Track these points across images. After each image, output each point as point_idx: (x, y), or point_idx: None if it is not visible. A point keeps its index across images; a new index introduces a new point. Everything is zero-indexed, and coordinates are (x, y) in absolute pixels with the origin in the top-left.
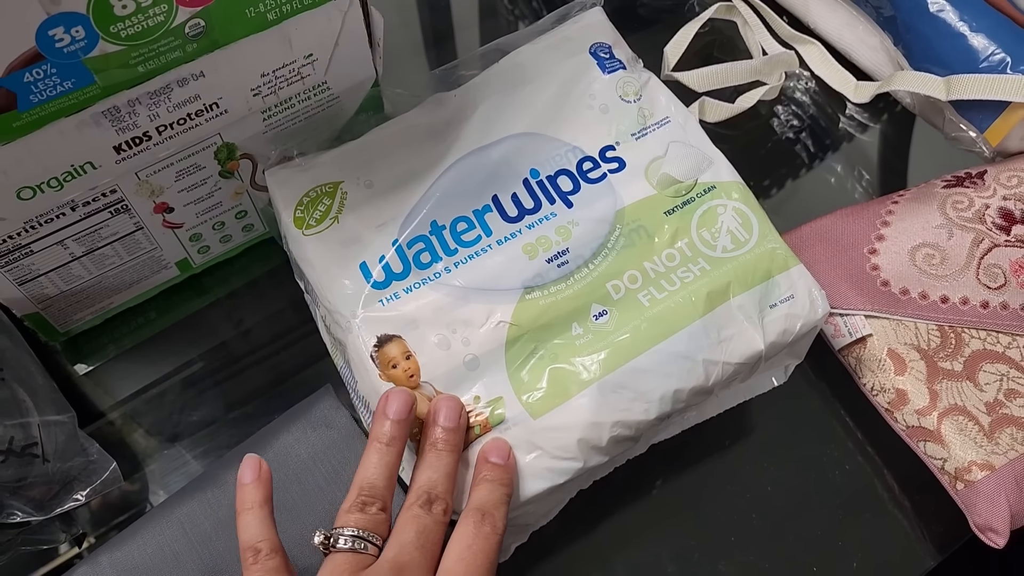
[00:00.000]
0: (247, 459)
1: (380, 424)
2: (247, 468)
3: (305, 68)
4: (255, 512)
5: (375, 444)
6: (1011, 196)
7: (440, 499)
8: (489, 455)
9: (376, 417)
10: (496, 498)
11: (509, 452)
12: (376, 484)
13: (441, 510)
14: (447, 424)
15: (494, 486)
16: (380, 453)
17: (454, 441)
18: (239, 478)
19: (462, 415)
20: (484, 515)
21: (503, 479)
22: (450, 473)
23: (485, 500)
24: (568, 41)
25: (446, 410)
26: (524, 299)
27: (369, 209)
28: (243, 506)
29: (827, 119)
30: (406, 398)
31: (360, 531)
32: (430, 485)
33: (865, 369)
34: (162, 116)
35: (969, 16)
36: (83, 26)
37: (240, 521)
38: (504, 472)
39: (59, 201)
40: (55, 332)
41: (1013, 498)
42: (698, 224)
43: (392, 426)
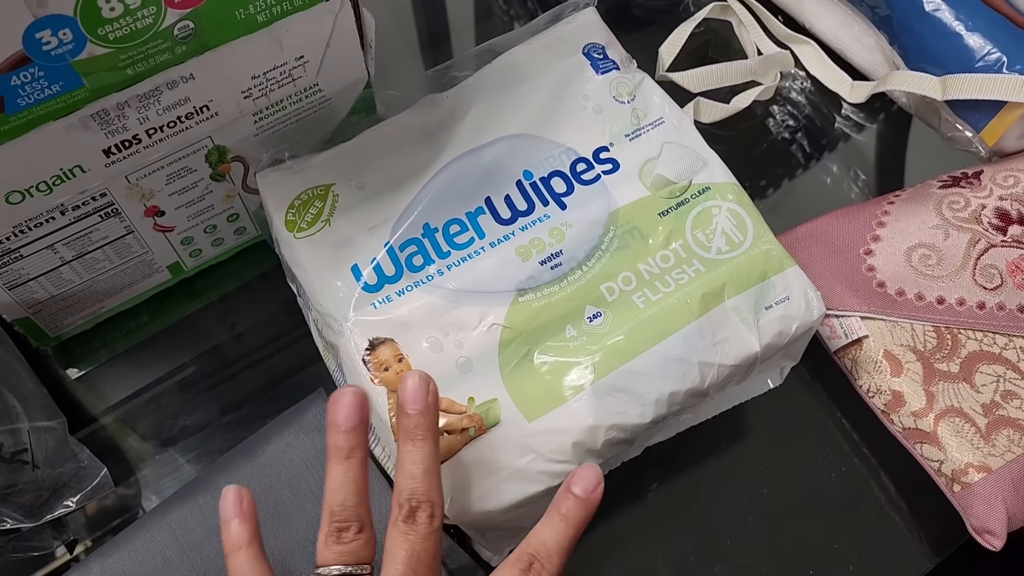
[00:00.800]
0: (227, 492)
1: (334, 435)
2: (228, 504)
3: (296, 70)
4: (244, 553)
5: (333, 459)
6: (1007, 196)
7: (424, 504)
8: (573, 484)
9: (329, 427)
10: (557, 541)
11: (597, 484)
12: (347, 503)
13: (427, 517)
14: (415, 408)
15: (562, 526)
16: (343, 468)
17: (427, 424)
18: (222, 514)
19: (430, 392)
20: (533, 563)
21: (578, 518)
22: (430, 466)
23: (543, 542)
24: (561, 42)
25: (411, 391)
26: (517, 301)
27: (361, 212)
28: (231, 547)
29: (823, 119)
30: (355, 400)
31: (344, 567)
32: (411, 491)
33: (861, 371)
34: (152, 119)
35: (965, 15)
36: (71, 29)
37: (230, 564)
38: (583, 509)
39: (48, 205)
40: (46, 337)
41: (1010, 500)
42: (692, 225)
43: (347, 437)
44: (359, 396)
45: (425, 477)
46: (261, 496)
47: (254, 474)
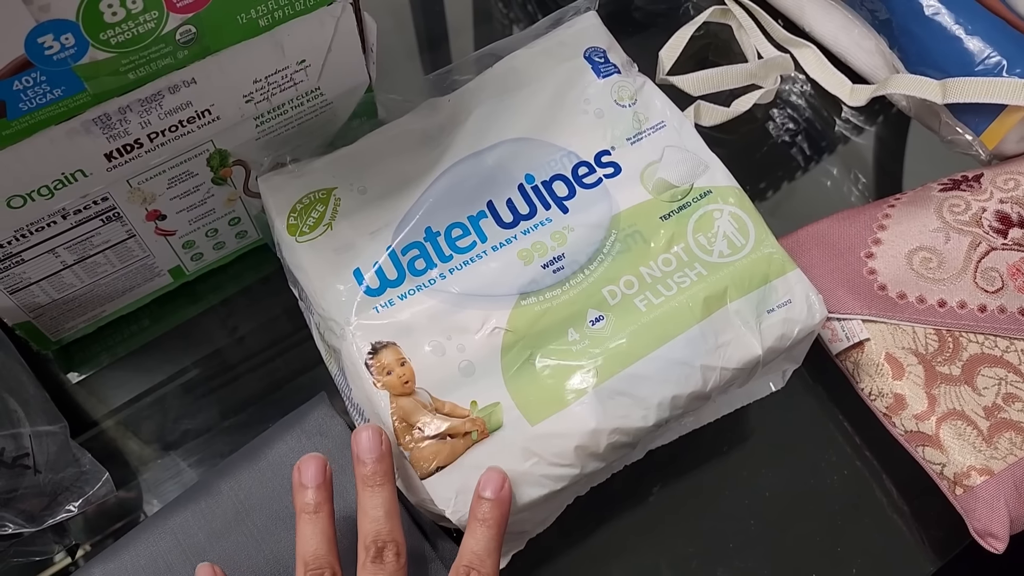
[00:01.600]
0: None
1: (301, 495)
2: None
3: (298, 74)
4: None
5: (303, 516)
6: (1008, 199)
7: (390, 544)
8: (483, 490)
9: (295, 490)
10: (484, 545)
11: (503, 483)
12: (318, 553)
13: (393, 555)
14: (369, 457)
15: (484, 529)
16: (312, 523)
17: (383, 471)
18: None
19: (382, 441)
20: (471, 572)
21: (495, 518)
22: (390, 509)
23: (473, 551)
24: (562, 46)
25: (364, 442)
26: (519, 305)
27: (363, 216)
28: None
29: (823, 122)
30: (317, 463)
31: None
32: (375, 533)
33: (863, 374)
34: (153, 123)
35: (964, 19)
36: (73, 33)
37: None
38: (496, 509)
39: (50, 209)
40: (47, 341)
41: (1012, 503)
42: (694, 229)
43: (313, 493)
44: (320, 460)
45: (387, 519)
46: (263, 500)
47: (256, 478)
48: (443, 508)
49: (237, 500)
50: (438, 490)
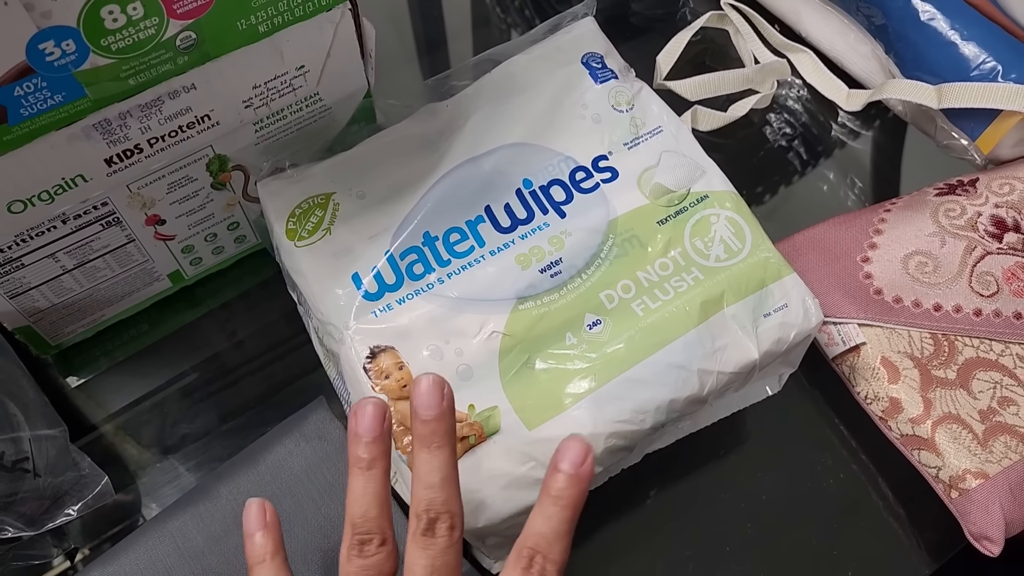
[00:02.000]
0: (250, 505)
1: (355, 446)
2: (252, 516)
3: (297, 79)
4: (268, 565)
5: (355, 470)
6: (1003, 204)
7: (443, 515)
8: (560, 461)
9: (350, 438)
10: (555, 527)
11: (586, 455)
12: (368, 515)
13: (446, 528)
14: (429, 413)
15: (556, 509)
16: (364, 479)
17: (443, 430)
18: (245, 527)
19: (445, 396)
20: (534, 557)
21: (571, 497)
22: (448, 474)
23: (540, 532)
24: (560, 51)
25: (425, 396)
26: (517, 309)
27: (361, 220)
28: (255, 559)
29: (819, 127)
30: (376, 411)
31: None
32: (428, 501)
33: (859, 378)
34: (153, 129)
35: (960, 24)
36: (73, 39)
37: None
38: (574, 486)
39: (50, 214)
40: (46, 345)
41: (1007, 506)
42: (691, 233)
43: (368, 447)
44: (380, 407)
45: (443, 486)
46: None
47: (255, 482)
48: None
49: (236, 504)
50: None
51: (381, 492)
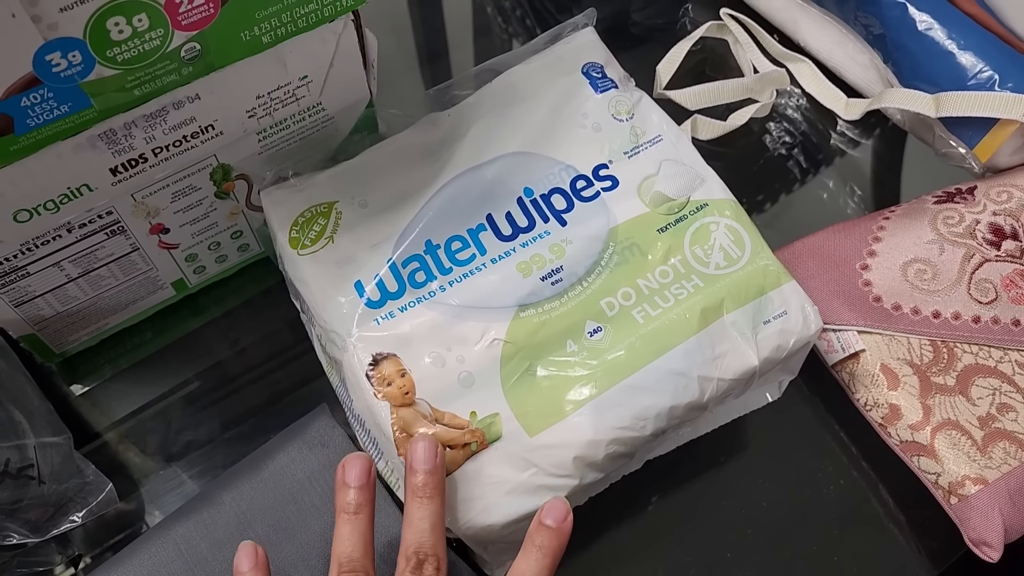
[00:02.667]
0: (243, 548)
1: (343, 495)
2: (244, 557)
3: (300, 89)
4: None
5: (343, 516)
6: (1001, 211)
7: (430, 558)
8: (544, 516)
9: (338, 488)
10: (537, 572)
11: (566, 514)
12: (353, 556)
13: (433, 569)
14: (425, 467)
15: (539, 555)
16: (351, 524)
17: (434, 484)
18: (236, 566)
19: (439, 454)
20: None
21: (552, 548)
22: (436, 522)
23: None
24: (560, 61)
25: (421, 452)
26: (518, 317)
27: (364, 229)
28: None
29: (818, 136)
30: (363, 463)
31: None
32: (418, 544)
33: (858, 384)
34: (158, 138)
35: (957, 34)
36: (80, 51)
37: None
38: (555, 539)
39: (55, 223)
40: (51, 353)
41: (1007, 512)
42: (691, 241)
43: (356, 494)
44: (367, 462)
45: (432, 532)
46: (265, 510)
47: (258, 489)
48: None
49: (239, 511)
50: None
51: (366, 535)
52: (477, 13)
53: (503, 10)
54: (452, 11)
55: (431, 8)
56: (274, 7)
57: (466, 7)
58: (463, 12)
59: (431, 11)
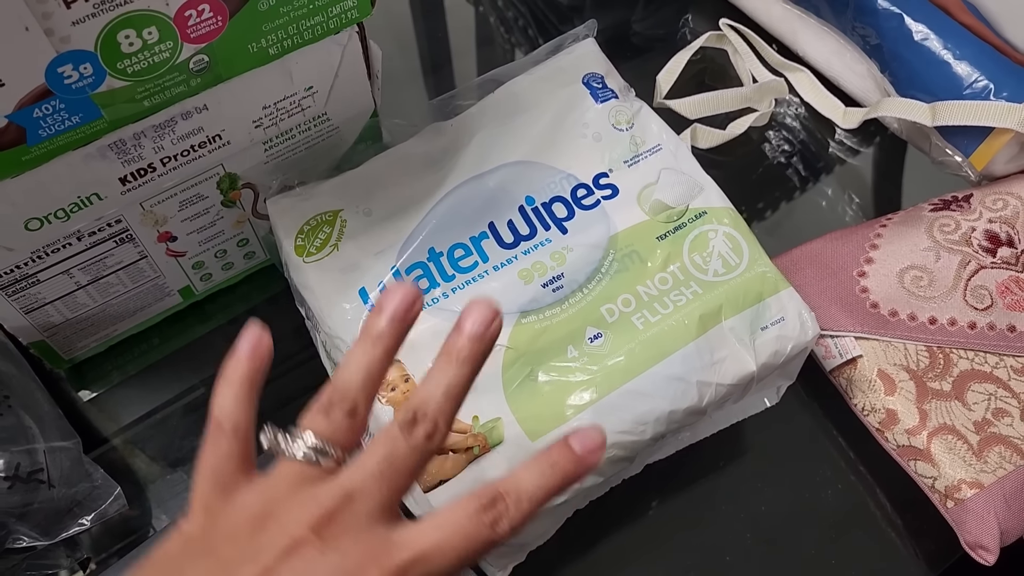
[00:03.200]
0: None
1: (373, 319)
2: (245, 340)
3: (305, 100)
4: (232, 387)
5: (360, 339)
6: (996, 219)
7: (427, 420)
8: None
9: (371, 313)
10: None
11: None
12: (349, 382)
13: (424, 433)
14: (472, 330)
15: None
16: (363, 349)
17: (473, 352)
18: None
19: (494, 323)
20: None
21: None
22: (452, 389)
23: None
24: (561, 72)
25: (476, 314)
26: (520, 323)
27: (368, 237)
28: (223, 377)
29: (817, 144)
30: (410, 295)
31: (318, 441)
32: (420, 402)
33: (856, 390)
34: (166, 148)
35: (953, 44)
36: (91, 63)
37: (215, 391)
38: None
39: (66, 232)
40: (60, 360)
41: (1002, 515)
42: (690, 249)
43: (386, 322)
44: (416, 294)
45: (445, 396)
46: None
47: None
48: None
49: None
50: (441, 503)
51: (373, 366)
52: (480, 24)
53: (505, 21)
54: (455, 22)
55: (434, 19)
56: (280, 20)
57: (469, 18)
58: (466, 23)
59: (434, 22)
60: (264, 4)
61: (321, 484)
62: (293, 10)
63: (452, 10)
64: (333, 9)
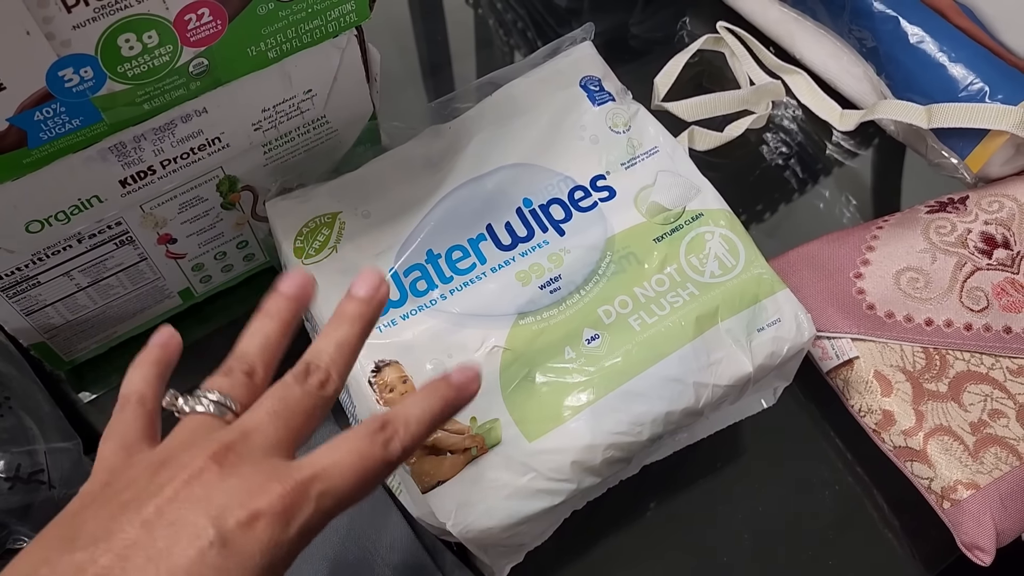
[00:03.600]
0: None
1: (270, 299)
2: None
3: (304, 103)
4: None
5: (258, 315)
6: (992, 221)
7: (320, 370)
8: (355, 287)
9: (269, 294)
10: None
11: (380, 282)
12: (247, 351)
13: (317, 382)
14: (358, 293)
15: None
16: (259, 323)
17: (361, 313)
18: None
19: (380, 286)
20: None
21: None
22: (344, 343)
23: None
24: (559, 74)
25: (365, 280)
26: (517, 324)
27: (366, 239)
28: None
29: (814, 146)
30: (303, 280)
31: (220, 396)
32: (313, 355)
33: (852, 391)
34: (166, 151)
35: (948, 47)
36: (91, 67)
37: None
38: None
39: (66, 234)
40: (61, 361)
41: (998, 516)
42: (686, 251)
43: (280, 300)
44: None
45: (340, 351)
46: None
47: None
48: (444, 521)
49: None
50: (439, 504)
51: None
52: (479, 26)
53: (504, 23)
54: (454, 25)
55: (433, 22)
56: (279, 24)
57: (468, 21)
58: (465, 26)
59: (433, 25)
60: (263, 8)
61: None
62: (292, 14)
63: (451, 12)
64: (332, 13)
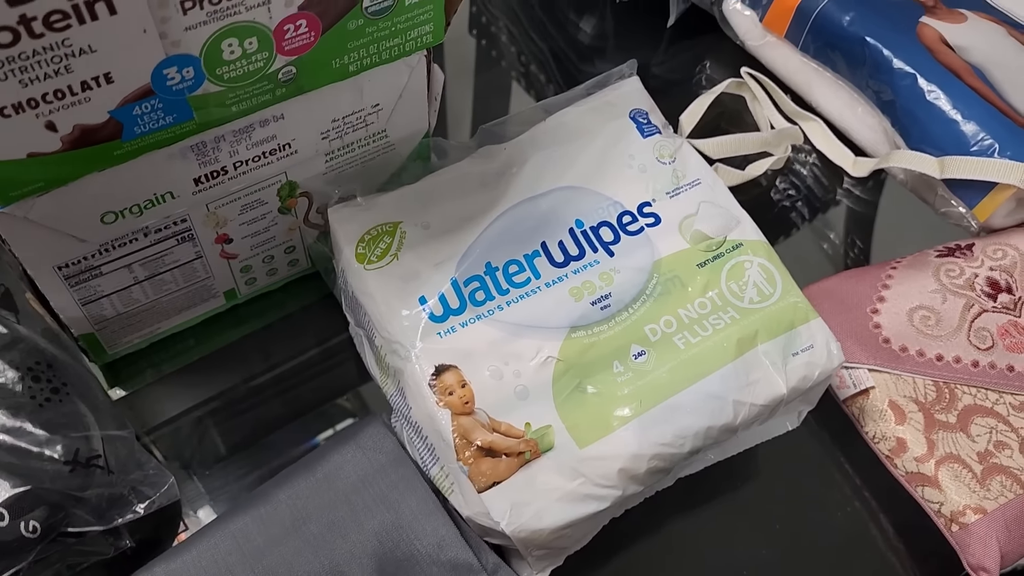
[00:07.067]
0: None
1: None
2: None
3: (371, 116)
4: None
5: None
6: (997, 267)
7: None
8: None
9: None
10: None
11: None
12: None
13: None
14: None
15: None
16: None
17: None
18: None
19: None
20: None
21: None
22: None
23: None
24: (610, 106)
25: None
26: (570, 337)
27: (427, 248)
28: None
29: (825, 191)
30: None
31: None
32: None
33: (868, 418)
34: (240, 153)
35: (961, 105)
36: (194, 67)
37: None
38: None
39: (136, 227)
40: (103, 353)
41: (1003, 539)
42: (727, 277)
43: None
44: None
45: None
46: (319, 509)
47: (313, 488)
48: (498, 520)
49: (294, 508)
50: (493, 504)
51: None
52: (522, 57)
53: (522, 57)
54: (505, 56)
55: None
56: (364, 39)
57: (511, 55)
58: (509, 58)
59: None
60: (353, 23)
61: None
62: (377, 31)
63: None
64: (411, 33)
